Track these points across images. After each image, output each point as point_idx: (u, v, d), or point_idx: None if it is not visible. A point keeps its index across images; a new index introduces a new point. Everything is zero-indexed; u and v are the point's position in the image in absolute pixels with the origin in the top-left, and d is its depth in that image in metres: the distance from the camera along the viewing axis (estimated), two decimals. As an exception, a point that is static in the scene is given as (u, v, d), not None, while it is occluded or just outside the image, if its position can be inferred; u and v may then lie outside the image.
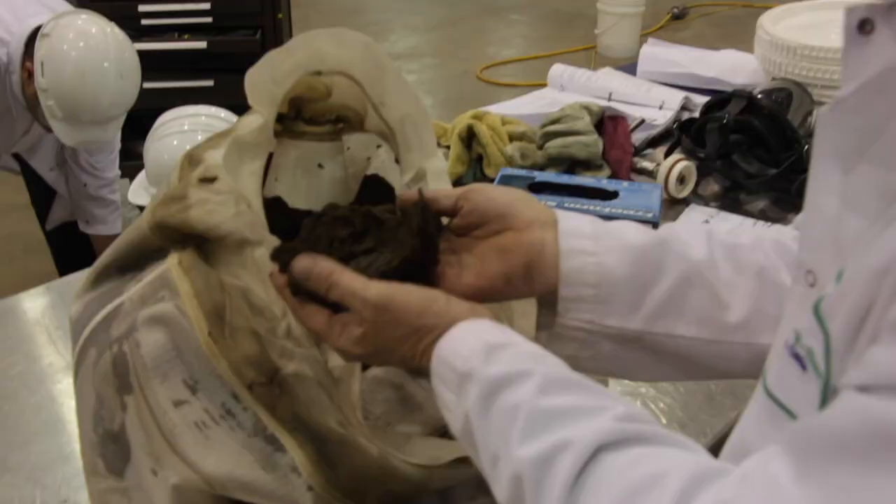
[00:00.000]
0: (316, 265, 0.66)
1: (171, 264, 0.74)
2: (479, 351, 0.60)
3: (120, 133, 2.41)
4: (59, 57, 2.09)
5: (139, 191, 2.04)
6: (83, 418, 0.75)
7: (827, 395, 0.49)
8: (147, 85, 3.27)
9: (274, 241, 0.74)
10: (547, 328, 0.72)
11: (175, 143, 1.96)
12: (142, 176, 2.07)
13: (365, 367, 0.79)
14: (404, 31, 4.97)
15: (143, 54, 2.53)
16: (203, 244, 0.77)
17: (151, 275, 0.76)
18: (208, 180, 0.79)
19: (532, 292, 0.72)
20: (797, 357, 0.51)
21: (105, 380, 0.72)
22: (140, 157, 2.05)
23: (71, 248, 2.69)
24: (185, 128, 1.99)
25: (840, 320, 0.47)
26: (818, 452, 0.43)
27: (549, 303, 0.72)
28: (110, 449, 0.72)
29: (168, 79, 3.25)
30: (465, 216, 0.73)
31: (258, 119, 0.80)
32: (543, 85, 2.08)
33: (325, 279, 0.65)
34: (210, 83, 3.29)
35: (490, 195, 0.72)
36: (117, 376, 0.71)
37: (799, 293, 0.56)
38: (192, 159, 0.83)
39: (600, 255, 0.70)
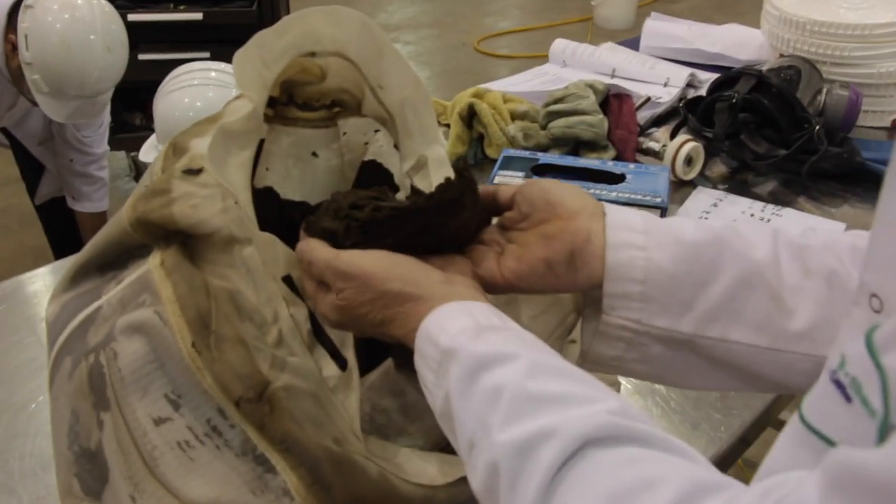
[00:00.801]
0: (298, 250, 0.63)
1: (153, 265, 0.68)
2: (468, 330, 0.55)
3: (109, 107, 2.33)
4: (43, 29, 2.01)
5: (150, 150, 1.96)
6: (57, 434, 0.68)
7: (885, 434, 0.42)
8: (142, 56, 3.20)
9: (264, 239, 0.68)
10: (592, 327, 0.67)
11: (186, 99, 1.87)
12: (153, 138, 1.99)
13: (363, 374, 0.72)
14: (402, 2, 4.87)
15: (137, 25, 2.46)
16: (188, 241, 0.70)
17: (132, 275, 0.70)
18: (193, 172, 0.72)
19: (575, 284, 0.66)
20: (839, 384, 0.44)
21: (80, 394, 0.65)
22: (136, 128, 1.98)
23: (61, 223, 2.62)
24: (194, 82, 1.90)
25: None
26: (857, 492, 0.37)
27: (594, 300, 0.66)
28: (86, 469, 0.65)
29: (163, 50, 3.18)
30: (516, 208, 0.69)
31: (247, 105, 0.73)
32: (541, 57, 2.02)
33: (304, 260, 0.63)
34: (206, 55, 3.21)
35: (542, 186, 0.68)
36: (93, 390, 0.64)
37: (859, 317, 0.49)
38: (176, 148, 0.76)
39: (650, 250, 0.63)
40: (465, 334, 0.55)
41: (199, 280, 0.66)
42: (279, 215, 0.83)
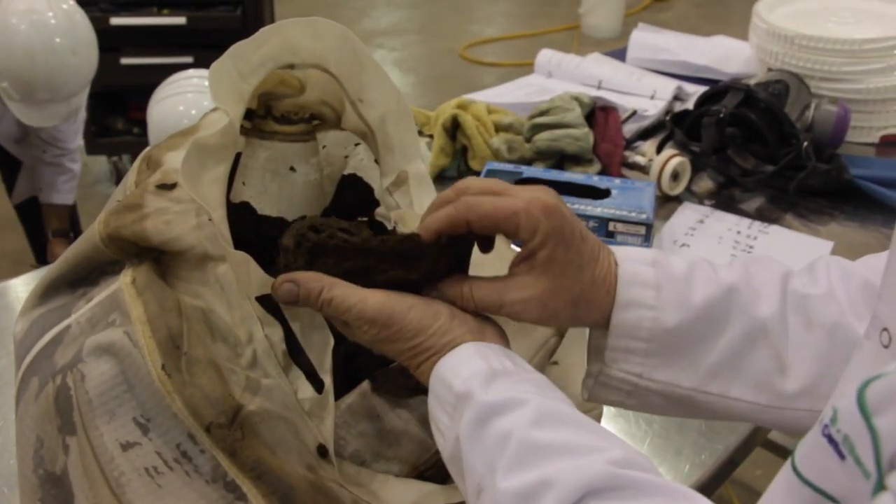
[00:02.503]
0: (301, 286, 0.60)
1: (124, 283, 0.67)
2: (480, 374, 0.56)
3: (85, 101, 2.31)
4: (6, 37, 1.99)
5: None
6: (23, 456, 0.67)
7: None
8: (125, 61, 3.18)
9: (238, 257, 0.67)
10: (594, 375, 0.67)
11: (181, 107, 1.85)
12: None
13: (338, 397, 0.71)
14: (387, 8, 4.87)
15: (120, 29, 2.44)
16: (161, 258, 0.69)
17: (103, 293, 0.68)
18: (167, 187, 0.71)
19: (579, 323, 0.66)
20: (831, 440, 0.43)
21: (46, 416, 0.64)
22: (118, 132, 1.97)
23: (40, 223, 2.61)
24: (189, 90, 1.89)
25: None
26: None
27: (598, 349, 0.67)
28: (51, 494, 0.64)
29: (146, 55, 3.17)
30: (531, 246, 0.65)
31: (223, 119, 0.72)
32: (527, 64, 2.02)
33: (317, 297, 0.60)
34: (190, 59, 3.20)
35: (560, 238, 0.61)
36: (59, 413, 0.63)
37: (868, 351, 0.49)
38: (150, 161, 0.75)
39: (659, 310, 0.63)
40: (477, 379, 0.56)
41: (171, 299, 0.65)
42: (256, 231, 0.82)
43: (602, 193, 1.29)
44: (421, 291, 0.63)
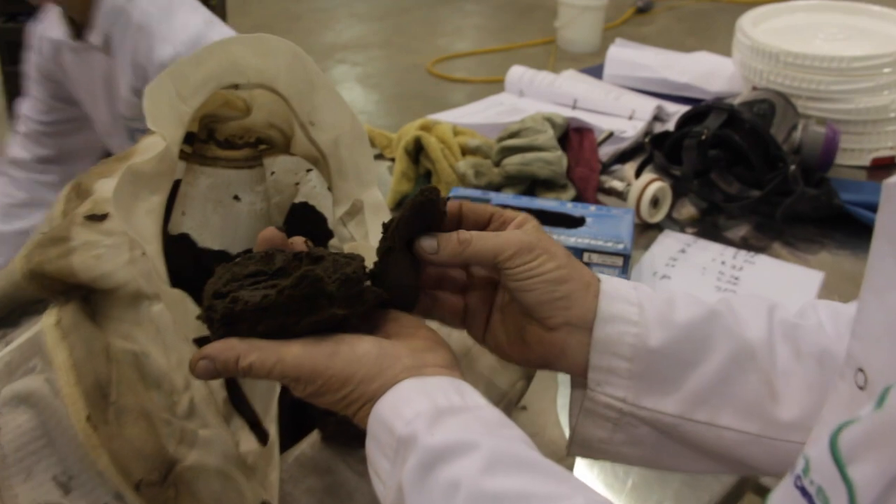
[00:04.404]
0: (216, 360, 0.58)
1: (47, 325, 0.65)
2: (425, 414, 0.54)
3: None
4: None
5: None
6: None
7: None
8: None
9: (175, 296, 0.65)
10: (578, 403, 0.67)
11: None
12: None
13: (286, 448, 0.70)
14: (351, 20, 4.88)
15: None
16: (89, 297, 0.68)
17: (23, 336, 0.67)
18: (97, 218, 0.70)
19: (557, 370, 0.68)
20: (804, 493, 0.42)
21: (-43, 474, 0.62)
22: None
23: None
24: None
25: (872, 466, 0.38)
26: None
27: (580, 378, 0.67)
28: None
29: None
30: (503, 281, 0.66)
31: (159, 143, 0.71)
32: (500, 81, 2.02)
33: (234, 368, 0.58)
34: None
35: (525, 287, 0.64)
36: (-29, 471, 0.61)
37: (843, 393, 0.48)
38: (79, 189, 0.74)
39: (642, 327, 0.64)
40: (421, 420, 0.54)
41: (100, 342, 0.63)
42: (195, 266, 0.81)
43: (576, 222, 1.29)
44: (356, 325, 0.62)
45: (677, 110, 1.77)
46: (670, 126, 1.61)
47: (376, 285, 0.63)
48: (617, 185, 1.46)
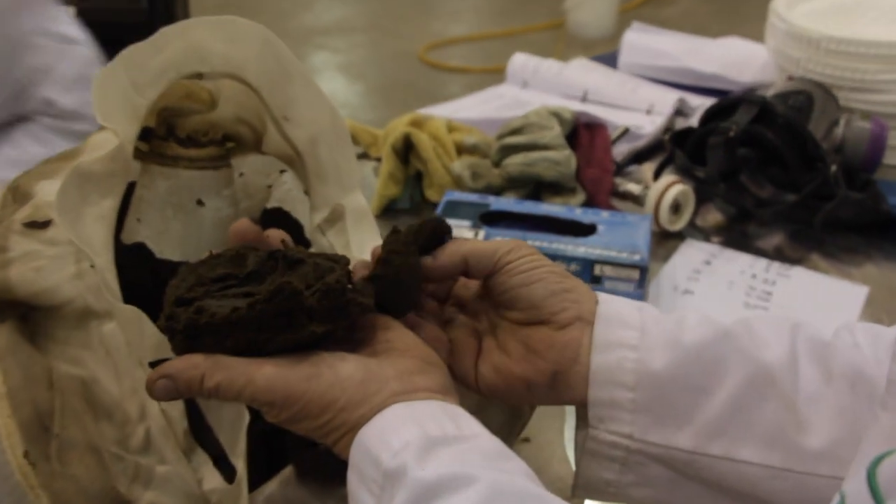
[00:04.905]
0: (177, 380, 0.59)
1: (-21, 347, 0.65)
2: (415, 444, 0.55)
3: None
4: None
5: None
6: None
7: None
8: None
9: (128, 313, 0.66)
10: (580, 443, 0.68)
11: None
12: None
13: (255, 486, 0.70)
14: (331, 1, 4.89)
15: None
16: (29, 315, 0.68)
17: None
18: (38, 225, 0.71)
19: (559, 401, 0.69)
20: None
21: None
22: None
23: None
24: None
25: None
26: None
27: (583, 414, 0.68)
28: None
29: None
30: (493, 292, 0.70)
31: (111, 140, 0.71)
32: (501, 70, 2.02)
33: (199, 388, 0.59)
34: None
35: (527, 279, 0.68)
36: None
37: (886, 423, 0.49)
38: (17, 192, 0.75)
39: (643, 351, 0.65)
40: (411, 450, 0.55)
41: (41, 367, 0.64)
42: (153, 280, 0.81)
43: (587, 230, 1.29)
44: (338, 338, 0.63)
45: (702, 103, 1.78)
46: (694, 122, 1.62)
47: (376, 287, 0.64)
48: (633, 188, 1.47)
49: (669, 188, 1.41)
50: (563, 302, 0.66)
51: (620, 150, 1.63)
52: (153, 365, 0.66)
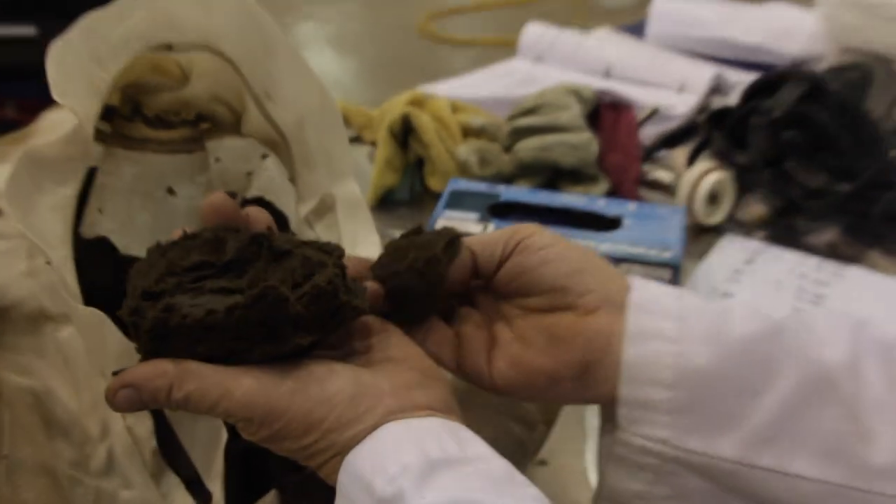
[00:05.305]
0: (142, 390, 0.58)
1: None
2: (414, 468, 0.55)
3: None
4: None
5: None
6: None
7: None
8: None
9: (89, 317, 0.66)
10: (606, 448, 0.67)
11: None
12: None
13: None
14: (318, -35, 4.90)
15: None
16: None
17: None
18: (-14, 217, 0.71)
19: (585, 399, 0.68)
20: None
21: None
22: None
23: None
24: None
25: None
26: None
27: (608, 412, 0.67)
28: None
29: (-30, 23, 3.16)
30: (507, 278, 0.68)
31: (68, 120, 0.72)
32: (512, 43, 2.02)
33: (166, 399, 0.58)
34: (31, 31, 3.19)
35: (545, 257, 0.67)
36: None
37: None
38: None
39: (683, 344, 0.64)
40: (409, 476, 0.54)
41: (-13, 378, 0.64)
42: (116, 279, 0.81)
43: (611, 223, 1.29)
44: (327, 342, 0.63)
45: (742, 80, 1.77)
46: (733, 100, 1.62)
47: (384, 276, 0.65)
48: (663, 176, 1.47)
49: (705, 176, 1.42)
50: (587, 282, 0.65)
51: (649, 133, 1.62)
52: (117, 374, 0.66)
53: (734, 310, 0.66)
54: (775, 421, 0.63)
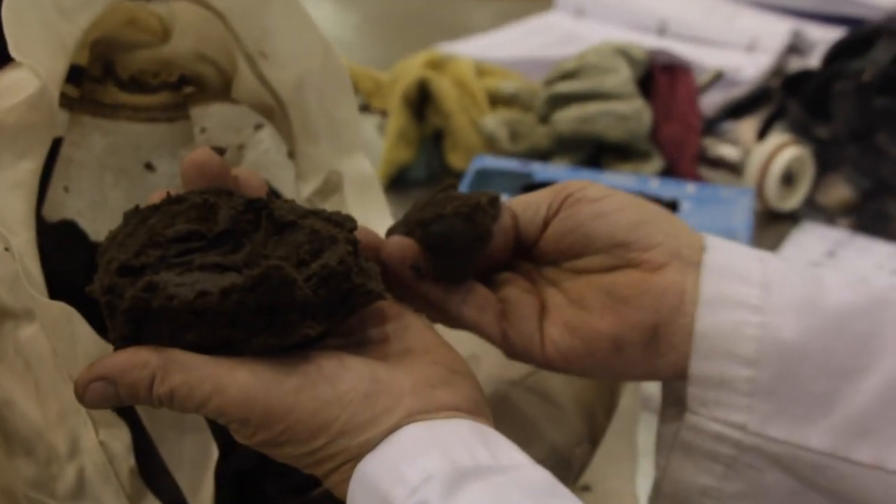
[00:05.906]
0: (118, 383, 0.58)
1: None
2: (440, 478, 0.55)
3: None
4: None
5: None
6: None
7: None
8: None
9: (56, 312, 0.67)
10: (671, 435, 0.67)
11: None
12: None
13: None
14: None
15: None
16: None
17: None
18: (-67, 196, 0.72)
19: (653, 373, 0.67)
20: None
21: None
22: None
23: None
24: None
25: None
26: None
27: (676, 392, 0.66)
28: None
29: None
30: (555, 238, 0.67)
31: (29, 82, 0.72)
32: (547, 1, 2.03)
33: (148, 394, 0.57)
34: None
35: (602, 209, 0.66)
36: None
37: None
38: None
39: (768, 314, 0.63)
40: (433, 486, 0.54)
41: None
42: (87, 268, 0.82)
43: (666, 207, 1.30)
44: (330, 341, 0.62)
45: (825, 36, 1.77)
46: (814, 61, 1.62)
47: (424, 221, 0.65)
48: (728, 152, 1.47)
49: (779, 152, 1.42)
50: (652, 234, 0.64)
51: (712, 101, 1.63)
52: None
53: (828, 277, 0.65)
54: (875, 408, 0.62)
